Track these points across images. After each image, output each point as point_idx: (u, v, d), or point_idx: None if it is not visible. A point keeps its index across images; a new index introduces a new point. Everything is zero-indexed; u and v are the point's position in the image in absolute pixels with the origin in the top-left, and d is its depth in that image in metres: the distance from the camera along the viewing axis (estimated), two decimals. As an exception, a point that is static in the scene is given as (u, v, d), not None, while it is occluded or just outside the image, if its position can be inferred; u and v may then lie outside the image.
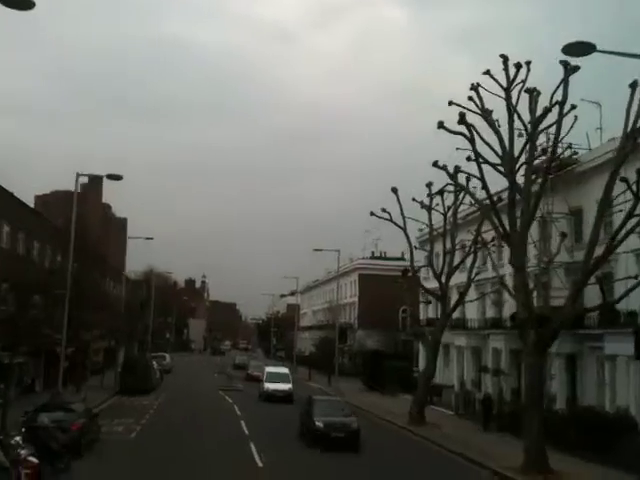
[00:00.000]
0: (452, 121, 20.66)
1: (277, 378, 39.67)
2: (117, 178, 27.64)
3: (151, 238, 51.59)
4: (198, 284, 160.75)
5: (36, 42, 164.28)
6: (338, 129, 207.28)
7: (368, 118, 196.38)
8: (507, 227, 19.91)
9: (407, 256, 73.03)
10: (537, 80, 20.70)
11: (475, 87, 20.21)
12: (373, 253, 71.07)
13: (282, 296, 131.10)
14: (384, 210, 27.10)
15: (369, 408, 36.09)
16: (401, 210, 27.11)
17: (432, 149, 31.39)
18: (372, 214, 27.47)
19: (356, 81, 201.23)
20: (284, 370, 42.64)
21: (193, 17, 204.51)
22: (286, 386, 38.60)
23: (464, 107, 20.19)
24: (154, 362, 46.57)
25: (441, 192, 26.74)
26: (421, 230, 49.83)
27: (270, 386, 38.58)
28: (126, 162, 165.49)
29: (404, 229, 27.39)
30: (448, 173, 23.96)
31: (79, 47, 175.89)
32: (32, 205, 51.29)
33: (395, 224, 27.26)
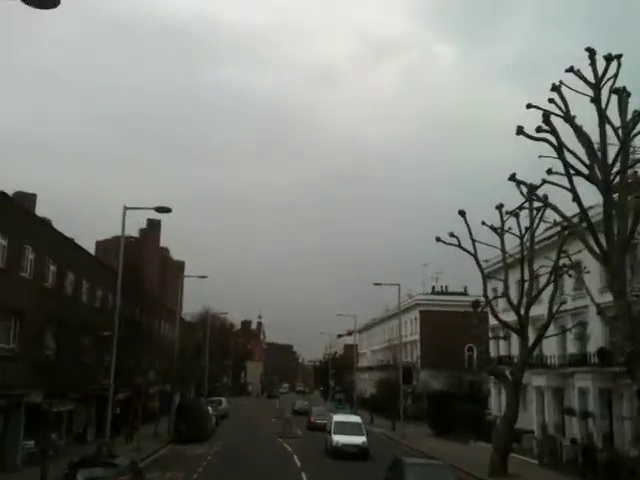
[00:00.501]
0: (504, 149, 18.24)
1: (348, 429, 33.46)
2: (166, 211, 26.63)
3: (205, 276, 51.16)
4: (254, 325, 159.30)
5: (86, 89, 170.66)
6: (390, 165, 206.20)
7: (418, 152, 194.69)
8: (603, 246, 17.17)
9: (471, 290, 70.32)
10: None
11: (557, 87, 17.80)
12: (433, 288, 67.95)
13: (339, 336, 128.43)
14: (452, 235, 24.61)
15: (440, 457, 32.89)
16: (470, 234, 24.61)
17: (490, 177, 28.97)
18: (438, 240, 25.00)
19: (405, 114, 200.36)
20: (356, 419, 36.66)
21: (242, 62, 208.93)
22: (359, 439, 32.60)
23: (543, 109, 17.74)
24: (209, 407, 44.55)
25: (516, 213, 24.10)
26: (487, 261, 46.94)
27: (340, 439, 32.30)
28: (179, 204, 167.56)
29: (474, 255, 24.79)
30: (528, 186, 21.45)
31: (132, 94, 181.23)
32: (93, 251, 51.43)
33: (464, 250, 24.70)
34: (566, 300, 30.67)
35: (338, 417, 36.29)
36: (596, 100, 17.15)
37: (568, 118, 17.58)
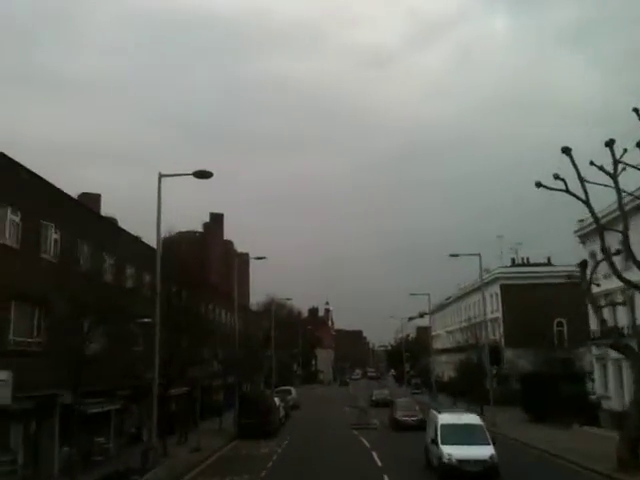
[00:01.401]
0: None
1: (464, 436, 21.63)
2: (206, 176, 22.50)
3: (264, 257, 50.84)
4: (321, 312, 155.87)
5: (149, 91, 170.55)
6: (450, 142, 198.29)
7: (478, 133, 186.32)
8: None
9: (555, 260, 64.03)
10: None
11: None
12: (513, 260, 62.01)
13: (411, 319, 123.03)
14: (557, 177, 19.49)
15: (547, 447, 27.92)
16: (578, 175, 19.44)
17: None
18: (539, 185, 19.97)
19: (457, 97, 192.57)
20: (474, 419, 23.62)
21: (290, 52, 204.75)
22: (485, 451, 20.97)
23: None
24: (277, 398, 40.77)
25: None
26: (582, 221, 41.16)
27: (454, 452, 20.84)
28: (238, 200, 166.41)
29: (586, 200, 19.67)
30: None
31: (180, 90, 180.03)
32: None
33: (573, 195, 19.62)
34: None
35: (446, 417, 23.39)
36: None
37: None
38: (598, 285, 24.96)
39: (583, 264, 23.47)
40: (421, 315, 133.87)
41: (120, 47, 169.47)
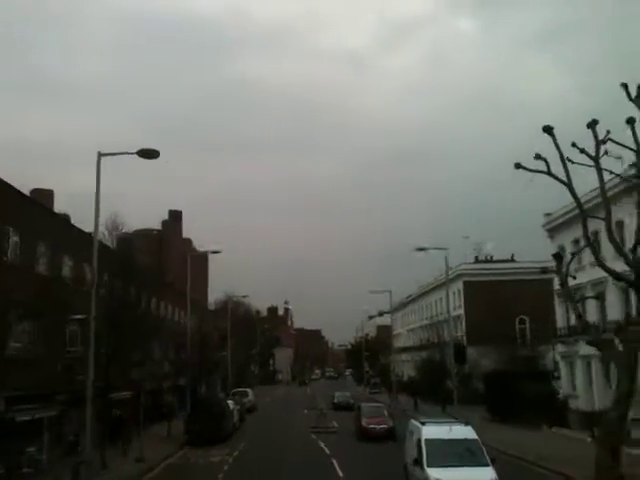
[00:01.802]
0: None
1: (455, 455, 16.91)
2: (151, 155, 20.39)
3: (219, 251, 50.30)
4: (281, 311, 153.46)
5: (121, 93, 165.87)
6: (422, 148, 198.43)
7: (451, 133, 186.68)
8: None
9: (519, 257, 63.13)
10: None
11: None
12: (477, 258, 60.93)
13: (371, 317, 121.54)
14: (539, 157, 17.74)
15: (516, 451, 26.36)
16: (561, 156, 17.78)
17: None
18: (519, 166, 18.20)
19: (433, 98, 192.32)
20: (467, 432, 18.19)
21: (263, 54, 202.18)
22: (484, 475, 16.17)
23: None
24: (232, 401, 38.41)
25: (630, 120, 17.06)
26: (549, 214, 40.01)
27: (444, 477, 15.91)
28: (207, 199, 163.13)
29: (568, 183, 17.99)
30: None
31: (161, 95, 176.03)
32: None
33: (555, 177, 17.90)
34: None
35: (431, 430, 18.09)
36: None
37: None
38: (574, 278, 23.36)
39: (558, 256, 21.87)
40: (381, 314, 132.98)
41: (98, 49, 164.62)
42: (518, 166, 18.43)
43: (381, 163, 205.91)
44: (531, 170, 18.00)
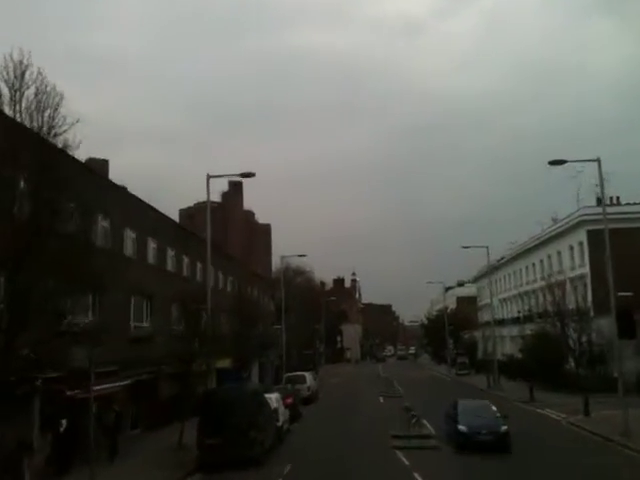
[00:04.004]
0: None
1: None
2: (249, 175, 23.12)
3: (304, 255, 47.81)
4: (347, 284, 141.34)
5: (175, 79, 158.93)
6: (477, 118, 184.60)
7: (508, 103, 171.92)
8: None
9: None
10: None
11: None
12: (599, 200, 46.40)
13: (448, 289, 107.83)
14: None
15: None
16: None
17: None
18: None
19: (490, 66, 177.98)
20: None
21: (318, 22, 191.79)
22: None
23: None
24: (275, 394, 26.41)
25: None
26: None
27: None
28: (261, 175, 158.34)
29: None
30: None
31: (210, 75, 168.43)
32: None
33: None
34: None
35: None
36: None
37: None
38: None
39: None
40: (460, 284, 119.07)
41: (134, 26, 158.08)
42: None
43: (436, 128, 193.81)
44: None
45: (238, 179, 22.60)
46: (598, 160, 22.74)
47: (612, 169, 45.88)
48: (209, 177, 21.56)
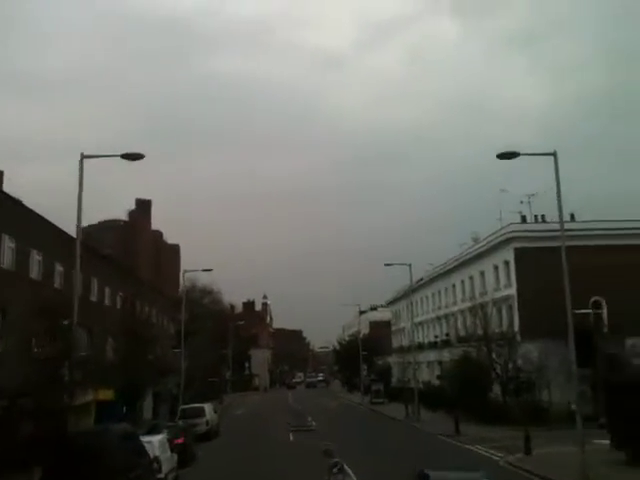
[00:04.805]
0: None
1: None
2: (136, 157, 19.12)
3: (210, 269, 42.83)
4: (258, 307, 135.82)
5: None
6: (396, 150, 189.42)
7: (427, 137, 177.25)
8: None
9: (581, 217, 46.80)
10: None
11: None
12: (524, 218, 44.38)
13: (362, 312, 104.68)
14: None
15: None
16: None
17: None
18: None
19: (412, 100, 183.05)
20: None
21: (244, 51, 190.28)
22: None
23: None
24: (159, 437, 21.02)
25: None
26: None
27: None
28: (181, 196, 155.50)
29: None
30: None
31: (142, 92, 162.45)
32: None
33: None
34: None
35: None
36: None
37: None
38: None
39: None
40: (374, 308, 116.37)
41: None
42: None
43: (366, 160, 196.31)
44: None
45: (118, 159, 19.38)
46: (554, 154, 19.44)
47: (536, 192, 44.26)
48: (83, 157, 19.02)
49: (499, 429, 31.94)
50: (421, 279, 62.38)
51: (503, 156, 19.62)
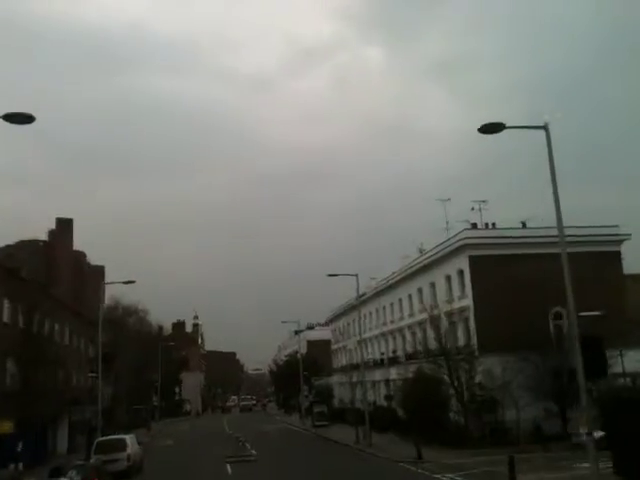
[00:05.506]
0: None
1: None
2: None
3: (133, 281, 37.97)
4: (189, 328, 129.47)
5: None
6: (324, 171, 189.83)
7: (354, 158, 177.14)
8: None
9: (533, 224, 44.49)
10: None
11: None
12: (475, 225, 41.80)
13: (297, 332, 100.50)
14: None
15: None
16: None
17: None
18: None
19: (338, 123, 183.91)
20: None
21: (168, 71, 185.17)
22: None
23: None
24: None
25: None
26: None
27: None
28: (97, 218, 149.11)
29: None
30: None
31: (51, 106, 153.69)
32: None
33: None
34: None
35: None
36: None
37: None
38: None
39: None
40: (311, 327, 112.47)
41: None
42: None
43: (285, 180, 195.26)
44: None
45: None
46: (545, 127, 16.35)
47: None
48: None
49: (463, 453, 28.73)
50: (363, 294, 59.04)
51: (487, 129, 16.40)
